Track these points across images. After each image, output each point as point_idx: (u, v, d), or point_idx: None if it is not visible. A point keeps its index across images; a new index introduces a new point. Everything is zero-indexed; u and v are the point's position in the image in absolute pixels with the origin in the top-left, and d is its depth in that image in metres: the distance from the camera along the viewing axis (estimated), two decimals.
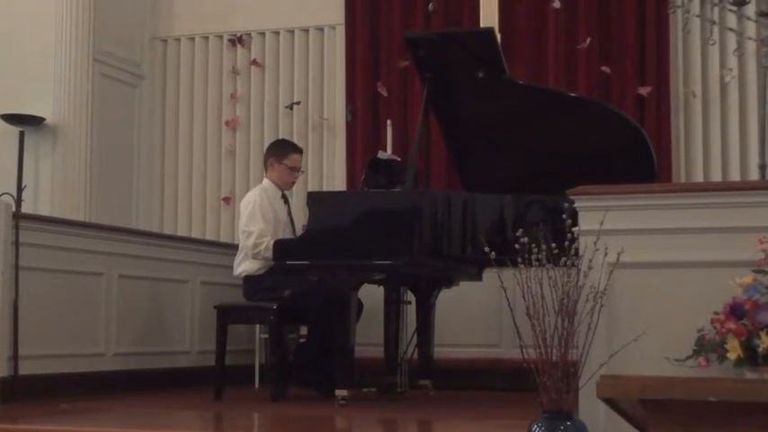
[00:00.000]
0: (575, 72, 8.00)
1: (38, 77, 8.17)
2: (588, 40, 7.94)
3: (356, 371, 6.12)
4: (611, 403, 2.40)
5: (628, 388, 2.28)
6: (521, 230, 4.00)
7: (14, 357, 5.84)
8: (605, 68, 7.93)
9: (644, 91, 7.82)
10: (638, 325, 3.96)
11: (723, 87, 7.78)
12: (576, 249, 4.02)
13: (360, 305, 6.39)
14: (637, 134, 6.11)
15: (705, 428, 2.11)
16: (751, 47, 7.44)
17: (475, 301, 7.33)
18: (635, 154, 6.02)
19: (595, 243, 3.97)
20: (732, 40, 7.64)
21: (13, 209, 6.00)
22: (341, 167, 8.51)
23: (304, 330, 7.14)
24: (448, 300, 6.99)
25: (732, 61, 7.67)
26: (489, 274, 6.72)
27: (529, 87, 6.33)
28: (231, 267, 6.68)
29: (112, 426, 4.96)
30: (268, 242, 6.25)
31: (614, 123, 6.12)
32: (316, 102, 8.73)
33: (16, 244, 5.89)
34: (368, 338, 6.65)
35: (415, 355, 6.72)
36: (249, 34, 8.94)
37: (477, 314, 7.42)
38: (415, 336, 6.67)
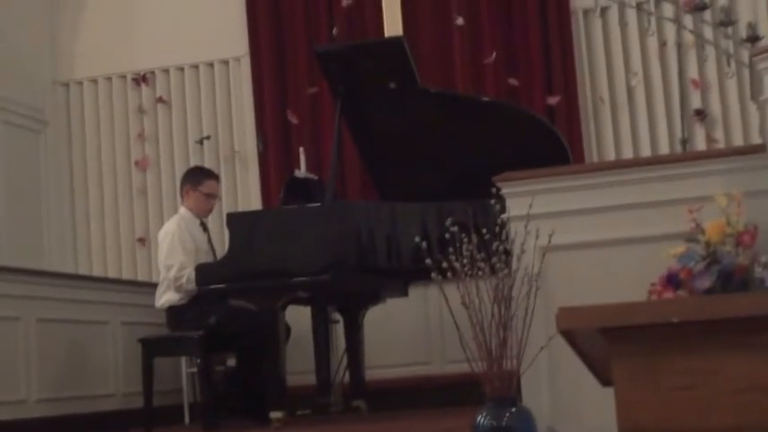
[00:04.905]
0: (482, 86, 7.99)
1: None
2: (494, 55, 7.96)
3: (289, 396, 6.01)
4: (571, 338, 2.35)
5: (588, 317, 2.22)
6: (449, 220, 3.95)
7: None
8: (513, 81, 7.95)
9: (552, 101, 7.86)
10: (575, 305, 3.93)
11: (630, 91, 7.85)
12: (507, 235, 4.00)
13: (287, 329, 6.28)
14: (550, 134, 6.14)
15: (670, 353, 2.06)
16: (654, 47, 7.57)
17: (401, 320, 7.28)
18: (550, 153, 6.02)
19: (526, 227, 3.95)
20: (635, 43, 7.75)
21: None
22: (256, 198, 8.40)
23: (232, 363, 7.01)
24: (374, 319, 6.91)
25: (636, 64, 7.77)
26: (414, 291, 6.73)
27: (441, 95, 6.33)
28: (151, 306, 6.54)
29: None
30: (189, 273, 6.13)
31: (527, 124, 6.14)
32: (226, 135, 8.62)
33: None
34: (298, 366, 6.55)
35: (347, 377, 6.63)
36: (153, 72, 8.81)
37: (405, 332, 7.36)
38: (345, 356, 6.58)
